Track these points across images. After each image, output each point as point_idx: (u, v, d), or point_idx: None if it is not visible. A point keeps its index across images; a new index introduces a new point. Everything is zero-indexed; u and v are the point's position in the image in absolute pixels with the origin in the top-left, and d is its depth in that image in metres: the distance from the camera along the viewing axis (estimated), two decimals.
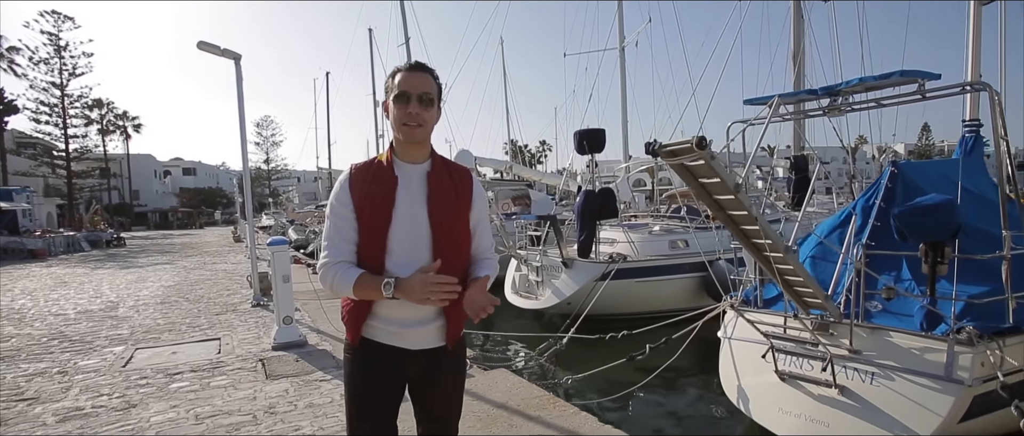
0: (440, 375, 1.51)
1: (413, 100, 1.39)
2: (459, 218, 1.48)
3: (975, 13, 7.55)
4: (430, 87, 1.43)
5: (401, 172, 1.45)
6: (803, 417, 3.97)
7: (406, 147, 1.46)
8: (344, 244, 1.42)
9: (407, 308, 1.40)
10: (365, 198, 1.41)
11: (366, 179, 1.43)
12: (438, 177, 1.46)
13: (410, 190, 1.43)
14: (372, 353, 1.46)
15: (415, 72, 1.43)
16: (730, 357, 4.57)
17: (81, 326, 6.10)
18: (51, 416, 3.30)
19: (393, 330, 1.44)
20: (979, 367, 3.42)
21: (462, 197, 1.48)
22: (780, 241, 3.42)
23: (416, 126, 1.40)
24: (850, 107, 4.25)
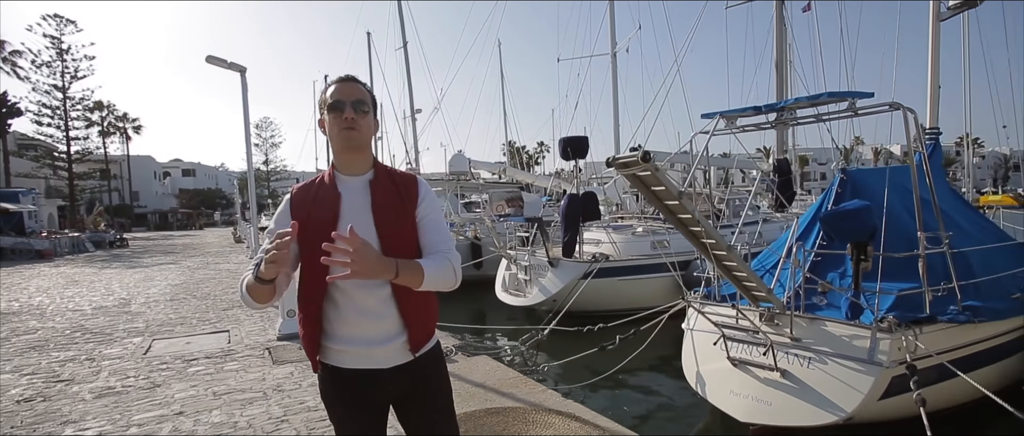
0: (422, 390, 1.44)
1: (347, 107, 1.37)
2: (407, 220, 1.43)
3: (934, 29, 8.09)
4: (363, 95, 1.41)
5: (343, 186, 1.41)
6: (750, 398, 4.46)
7: (346, 159, 1.43)
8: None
9: (365, 325, 1.35)
10: (307, 216, 1.35)
11: (307, 199, 1.41)
12: (382, 184, 1.43)
13: (354, 202, 1.39)
14: (340, 380, 1.39)
15: (347, 83, 1.41)
16: (691, 347, 5.06)
17: (99, 320, 6.60)
18: (88, 393, 3.80)
19: (354, 350, 1.37)
20: (896, 351, 3.93)
21: (408, 200, 1.43)
22: (722, 241, 3.93)
23: (352, 130, 1.37)
24: (795, 121, 4.75)
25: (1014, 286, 4.98)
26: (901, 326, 3.99)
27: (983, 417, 4.39)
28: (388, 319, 1.36)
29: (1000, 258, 5.34)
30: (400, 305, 1.37)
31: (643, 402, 5.42)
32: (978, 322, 4.33)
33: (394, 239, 1.37)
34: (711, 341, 4.85)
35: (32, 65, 33.41)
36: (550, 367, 5.36)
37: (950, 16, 8.22)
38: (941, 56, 7.12)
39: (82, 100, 36.31)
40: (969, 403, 4.36)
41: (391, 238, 1.37)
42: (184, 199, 56.95)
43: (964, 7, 8.07)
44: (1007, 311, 4.66)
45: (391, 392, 1.42)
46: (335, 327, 1.36)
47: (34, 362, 4.68)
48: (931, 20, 8.11)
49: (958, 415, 4.40)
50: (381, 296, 1.35)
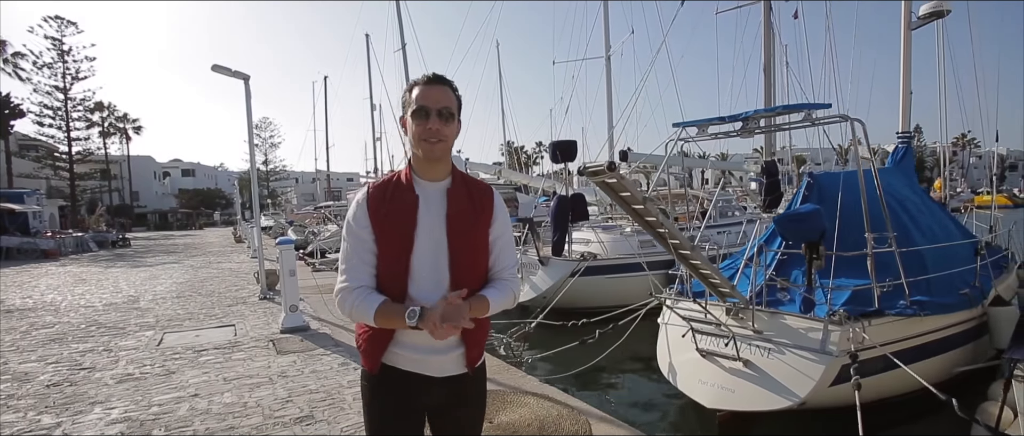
0: (461, 403, 1.47)
1: (433, 115, 1.34)
2: (479, 236, 1.43)
3: (905, 38, 8.51)
4: (450, 101, 1.37)
5: (421, 190, 1.39)
6: (716, 386, 4.84)
7: (425, 164, 1.40)
8: (363, 268, 1.37)
9: (423, 333, 1.32)
10: (385, 219, 1.35)
11: (385, 199, 1.38)
12: (458, 194, 1.41)
13: (430, 208, 1.38)
14: (394, 381, 1.40)
15: (434, 85, 1.37)
16: (665, 340, 5.45)
17: (111, 316, 6.98)
18: (110, 379, 4.18)
19: (416, 356, 1.39)
20: (845, 342, 4.31)
21: (482, 214, 1.42)
22: (687, 241, 4.31)
23: (436, 142, 1.35)
24: (759, 129, 5.15)
25: (963, 282, 5.36)
26: (850, 319, 4.38)
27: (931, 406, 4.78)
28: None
29: (955, 256, 5.73)
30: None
31: (620, 390, 5.81)
32: (925, 315, 4.70)
33: (463, 251, 1.38)
34: (682, 334, 5.24)
35: (33, 66, 33.81)
36: (534, 358, 5.75)
37: (920, 25, 8.64)
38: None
39: (83, 101, 36.69)
40: (917, 392, 4.76)
41: (460, 250, 1.38)
42: (184, 199, 57.27)
43: (933, 17, 8.48)
44: (954, 306, 5.04)
45: (435, 401, 1.43)
46: (401, 333, 1.37)
47: (56, 352, 5.06)
48: (902, 29, 8.54)
49: (907, 403, 4.77)
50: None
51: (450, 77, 1.41)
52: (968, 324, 5.25)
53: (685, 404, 5.14)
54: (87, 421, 3.32)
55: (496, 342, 6.51)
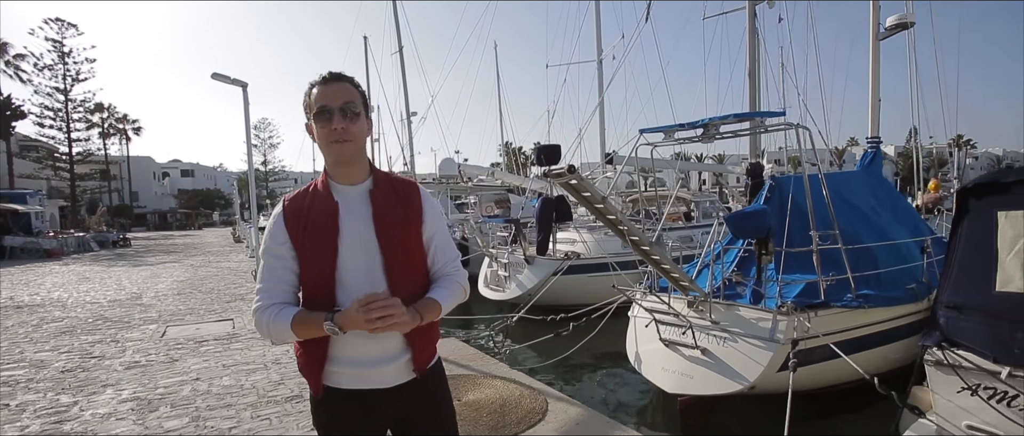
0: (421, 409, 1.39)
1: (336, 114, 1.27)
2: (411, 235, 1.36)
3: (874, 48, 8.92)
4: (353, 97, 1.30)
5: (340, 196, 1.33)
6: (677, 373, 5.24)
7: (340, 168, 1.34)
8: (280, 286, 1.30)
9: (368, 344, 1.29)
10: (305, 231, 1.29)
11: (302, 210, 1.31)
12: (382, 194, 1.35)
13: (353, 213, 1.31)
14: (341, 402, 1.33)
15: (332, 84, 1.30)
16: (633, 331, 5.85)
17: (116, 311, 7.37)
18: (119, 366, 4.58)
19: (359, 372, 1.31)
20: (792, 331, 4.71)
21: (411, 211, 1.36)
22: (647, 238, 4.71)
23: (345, 142, 1.28)
24: (719, 135, 5.54)
25: (912, 278, 5.76)
26: (797, 310, 4.78)
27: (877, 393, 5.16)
28: (391, 339, 1.31)
29: (910, 253, 6.12)
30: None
31: (591, 378, 6.23)
32: (869, 308, 5.10)
33: (397, 252, 1.32)
34: (646, 325, 5.64)
35: (35, 68, 34.22)
36: (512, 349, 6.15)
37: (887, 36, 9.05)
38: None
39: (83, 102, 37.08)
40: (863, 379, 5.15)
41: (394, 252, 1.32)
42: (183, 199, 57.61)
43: (899, 28, 8.90)
44: (899, 299, 5.44)
45: (392, 413, 1.36)
46: (336, 349, 1.30)
47: (67, 343, 5.46)
48: (871, 40, 8.96)
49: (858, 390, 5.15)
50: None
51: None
52: (914, 317, 5.64)
53: (650, 390, 5.53)
54: (100, 400, 3.72)
55: (480, 335, 6.92)
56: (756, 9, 15.12)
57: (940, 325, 3.62)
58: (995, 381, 3.28)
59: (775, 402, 4.99)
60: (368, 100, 1.39)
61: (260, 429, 3.14)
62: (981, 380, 3.36)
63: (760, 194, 6.73)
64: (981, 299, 3.37)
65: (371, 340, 1.28)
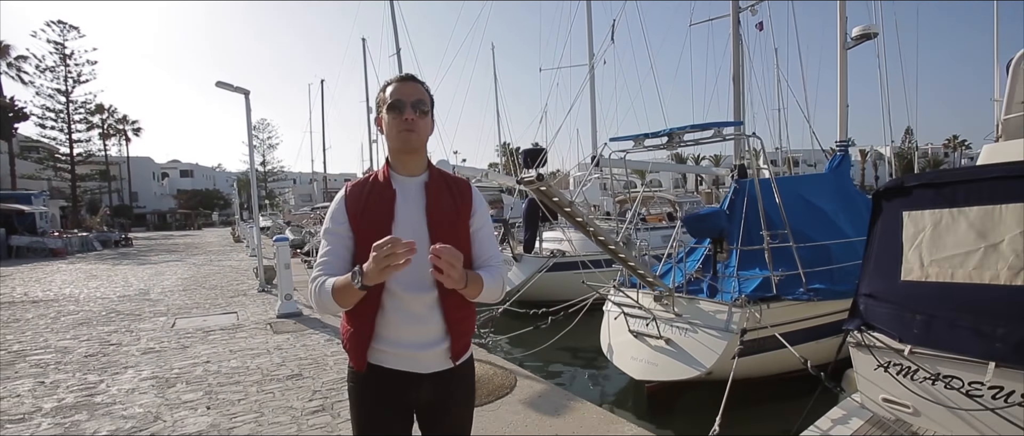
0: (450, 399, 1.48)
1: (408, 108, 1.39)
2: (460, 226, 1.45)
3: (841, 57, 9.45)
4: (423, 96, 1.43)
5: (399, 185, 1.44)
6: (644, 361, 5.74)
7: (402, 159, 1.45)
8: (336, 262, 1.41)
9: (412, 329, 1.39)
10: (363, 214, 1.40)
11: (362, 195, 1.43)
12: (436, 187, 1.46)
13: (408, 202, 1.42)
14: (381, 380, 1.42)
15: (407, 82, 1.43)
16: (606, 324, 6.35)
17: (127, 305, 7.86)
18: (135, 351, 5.08)
19: (402, 353, 1.41)
20: (745, 321, 5.21)
21: (462, 205, 1.47)
22: (612, 238, 5.21)
23: (412, 132, 1.40)
24: (682, 143, 6.05)
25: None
26: (750, 303, 5.28)
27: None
28: (433, 324, 1.41)
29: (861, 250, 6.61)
30: (445, 312, 1.41)
31: (567, 366, 6.73)
32: (818, 301, 5.60)
33: (446, 242, 1.35)
34: (615, 318, 6.15)
35: (36, 70, 34.64)
36: (495, 339, 6.65)
37: (854, 45, 9.59)
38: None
39: (85, 104, 37.48)
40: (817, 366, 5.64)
41: (442, 241, 1.35)
42: (182, 199, 57.95)
43: (864, 38, 9.43)
44: (849, 293, 5.89)
45: (423, 397, 1.45)
46: (383, 329, 1.40)
47: (86, 333, 5.96)
48: (838, 49, 9.49)
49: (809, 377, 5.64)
50: (428, 301, 1.39)
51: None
52: None
53: (620, 378, 6.04)
54: (123, 378, 4.22)
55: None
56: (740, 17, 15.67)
57: (860, 311, 4.10)
58: (900, 358, 3.76)
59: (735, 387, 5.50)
60: (434, 102, 1.51)
61: (266, 400, 3.65)
62: (890, 358, 3.85)
63: (726, 197, 7.25)
64: (890, 287, 3.85)
65: (415, 324, 1.39)
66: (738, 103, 16.73)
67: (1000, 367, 3.00)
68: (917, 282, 3.72)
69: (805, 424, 3.80)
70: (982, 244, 3.30)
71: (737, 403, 4.93)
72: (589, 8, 19.19)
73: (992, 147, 4.67)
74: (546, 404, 3.48)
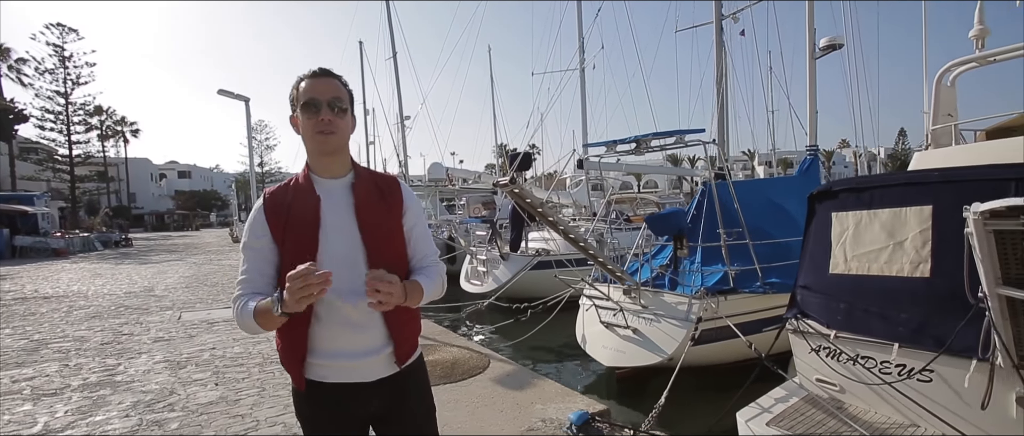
0: (405, 405, 1.42)
1: (324, 107, 1.30)
2: (393, 227, 1.40)
3: (810, 67, 9.99)
4: (340, 93, 1.34)
5: (322, 189, 1.35)
6: (612, 349, 6.24)
7: (323, 161, 1.36)
8: (256, 279, 1.32)
9: (351, 338, 1.32)
10: (286, 225, 1.31)
11: (283, 203, 1.34)
12: (364, 187, 1.38)
13: (336, 206, 1.34)
14: (324, 397, 1.35)
15: (321, 78, 1.34)
16: (581, 316, 6.85)
17: (134, 301, 8.34)
18: (147, 339, 5.56)
19: (341, 365, 1.33)
20: (702, 312, 5.72)
21: (392, 205, 1.40)
22: (581, 236, 5.72)
23: (330, 134, 1.31)
24: (648, 149, 6.56)
25: None
26: (709, 295, 5.78)
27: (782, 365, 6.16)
28: (373, 331, 1.34)
29: None
30: (385, 317, 1.34)
31: (548, 355, 7.23)
32: (773, 293, 6.11)
33: (381, 245, 1.35)
34: (587, 309, 6.65)
35: (36, 72, 35.03)
36: (478, 330, 7.15)
37: (822, 55, 10.13)
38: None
39: (84, 105, 37.85)
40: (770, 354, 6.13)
41: (377, 244, 1.34)
42: (180, 200, 58.26)
43: (831, 49, 9.97)
44: None
45: (373, 407, 1.38)
46: (318, 342, 1.32)
47: (100, 324, 6.44)
48: (808, 59, 10.03)
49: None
50: (366, 308, 1.28)
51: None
52: None
53: (595, 365, 6.53)
54: (138, 362, 4.70)
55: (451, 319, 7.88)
56: (723, 24, 16.22)
57: (797, 301, 4.60)
58: (828, 342, 4.27)
59: (697, 373, 5.99)
60: (354, 100, 1.42)
61: (267, 378, 4.14)
62: (821, 342, 4.35)
63: (695, 198, 7.77)
64: (820, 280, 4.35)
65: (353, 333, 1.32)
66: (722, 106, 17.30)
67: (902, 347, 3.51)
68: (841, 275, 4.23)
69: (745, 402, 4.28)
70: (891, 242, 3.82)
71: (694, 387, 5.44)
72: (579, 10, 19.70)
73: (921, 155, 5.19)
74: (512, 381, 3.97)
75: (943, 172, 4.04)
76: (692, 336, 5.36)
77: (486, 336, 7.55)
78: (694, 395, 5.34)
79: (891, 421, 3.65)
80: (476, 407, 3.40)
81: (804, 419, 3.97)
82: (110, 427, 3.22)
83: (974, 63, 4.48)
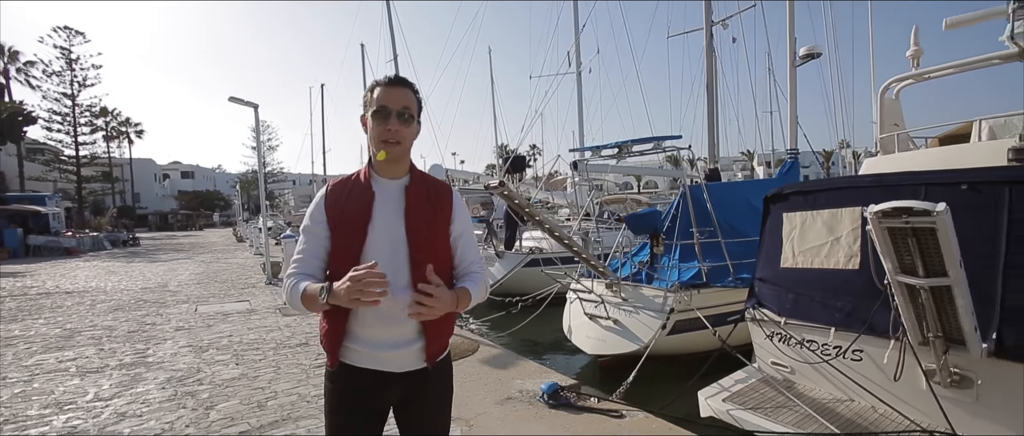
0: (425, 399, 1.47)
1: (392, 116, 1.38)
2: (438, 232, 1.45)
3: (791, 75, 10.52)
4: (410, 102, 1.42)
5: (379, 187, 1.44)
6: (595, 339, 6.76)
7: (383, 164, 1.44)
8: (310, 260, 1.43)
9: (385, 328, 1.39)
10: (340, 214, 1.40)
11: (342, 195, 1.43)
12: (416, 191, 1.45)
13: (388, 205, 1.42)
14: (352, 379, 1.43)
15: (394, 87, 1.42)
16: (568, 308, 7.39)
17: (151, 296, 8.90)
18: (169, 329, 6.11)
19: (373, 353, 1.40)
20: (679, 304, 6.24)
21: (441, 210, 1.46)
22: (566, 233, 6.25)
23: (395, 143, 1.40)
24: (630, 154, 7.09)
25: None
26: (683, 289, 6.31)
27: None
28: (408, 325, 1.40)
29: None
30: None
31: (538, 345, 7.77)
32: (743, 287, 6.61)
33: (423, 247, 1.40)
34: (571, 301, 7.19)
35: (43, 74, 35.62)
36: (474, 321, 7.69)
37: (802, 63, 10.66)
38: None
39: (90, 107, 38.42)
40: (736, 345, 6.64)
41: (419, 246, 1.40)
42: (183, 200, 58.76)
43: (809, 58, 10.48)
44: None
45: (396, 397, 1.46)
46: (355, 328, 1.40)
47: (124, 315, 7.00)
48: (788, 67, 10.57)
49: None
50: (403, 302, 1.35)
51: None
52: None
53: (578, 354, 7.06)
54: (165, 347, 5.26)
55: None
56: (714, 31, 16.76)
57: (755, 293, 5.12)
58: (779, 328, 4.79)
59: (674, 360, 6.48)
60: (422, 107, 1.51)
61: (281, 360, 4.68)
62: (774, 329, 4.87)
63: (674, 201, 8.29)
64: (773, 273, 4.86)
65: (389, 324, 1.38)
66: (711, 110, 17.89)
67: (838, 331, 4.04)
68: (790, 268, 4.76)
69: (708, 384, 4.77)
70: (830, 238, 4.36)
71: (667, 373, 5.95)
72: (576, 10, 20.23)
73: (870, 161, 5.72)
74: (497, 361, 4.51)
75: (874, 177, 4.60)
76: (663, 325, 5.89)
77: (479, 327, 8.09)
78: (665, 378, 5.86)
79: (831, 396, 4.18)
80: (464, 381, 3.94)
81: (756, 396, 4.50)
82: (150, 397, 3.77)
83: (911, 79, 5.00)
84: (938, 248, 2.90)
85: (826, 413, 3.90)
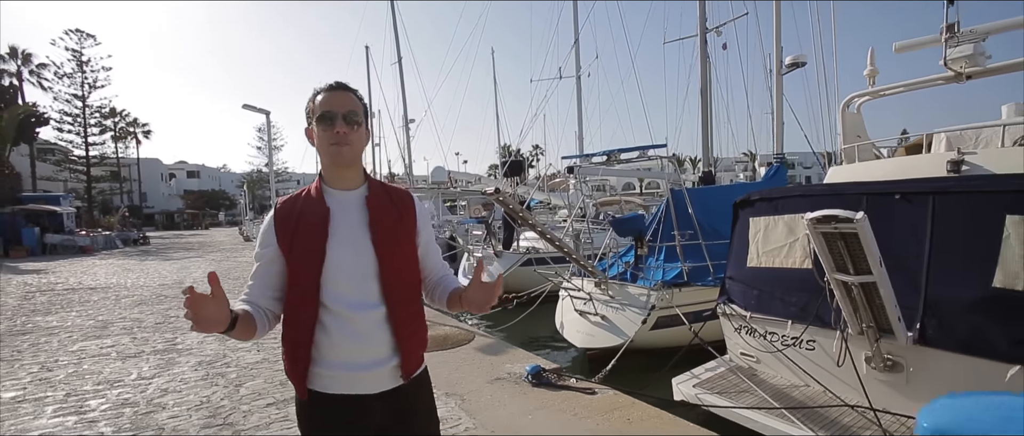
0: (406, 419, 1.39)
1: (338, 119, 1.31)
2: (406, 242, 1.40)
3: (777, 83, 11.01)
4: (355, 106, 1.35)
5: (333, 200, 1.36)
6: (584, 333, 7.27)
7: (336, 172, 1.37)
8: (259, 288, 1.38)
9: (356, 348, 1.31)
10: (294, 235, 1.31)
11: (293, 213, 1.34)
12: (378, 201, 1.38)
13: (347, 217, 1.34)
14: (326, 408, 1.33)
15: (337, 91, 1.36)
16: (560, 305, 7.91)
17: (169, 292, 9.46)
18: None
19: (345, 376, 1.32)
20: (660, 301, 6.74)
21: (406, 220, 1.41)
22: (557, 236, 6.77)
23: (344, 146, 1.33)
24: (619, 161, 7.61)
25: None
26: (665, 287, 6.82)
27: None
28: (380, 343, 1.33)
29: None
30: (394, 328, 1.34)
31: (531, 340, 8.29)
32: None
33: (393, 258, 1.35)
34: (563, 298, 7.71)
35: (55, 76, 36.35)
36: (470, 318, 8.22)
37: (788, 71, 11.14)
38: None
39: (100, 108, 39.14)
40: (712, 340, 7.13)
41: (390, 257, 1.34)
42: (189, 200, 59.40)
43: (795, 67, 10.97)
44: None
45: (375, 421, 1.36)
46: (324, 352, 1.32)
47: (148, 309, 7.56)
48: (775, 75, 11.06)
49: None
50: (375, 318, 1.31)
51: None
52: None
53: (569, 347, 7.58)
54: (191, 336, 5.80)
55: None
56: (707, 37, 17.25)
57: (726, 290, 5.62)
58: (746, 322, 5.29)
59: (656, 353, 6.96)
60: (368, 112, 1.44)
61: None
62: (742, 323, 5.38)
63: (661, 204, 8.80)
64: (741, 272, 5.36)
65: (359, 343, 1.31)
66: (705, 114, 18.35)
67: (793, 323, 4.55)
68: (755, 268, 5.27)
69: (681, 372, 5.27)
70: (789, 240, 4.87)
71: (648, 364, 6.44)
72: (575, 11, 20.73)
73: (834, 170, 6.21)
74: (490, 349, 5.04)
75: (827, 186, 5.12)
76: (644, 320, 6.41)
77: (478, 321, 8.61)
78: (647, 369, 6.37)
79: (789, 382, 4.70)
80: (459, 365, 4.47)
81: (723, 383, 5.02)
82: (186, 376, 4.31)
83: (868, 96, 5.50)
84: (862, 250, 3.41)
85: (781, 397, 4.41)
